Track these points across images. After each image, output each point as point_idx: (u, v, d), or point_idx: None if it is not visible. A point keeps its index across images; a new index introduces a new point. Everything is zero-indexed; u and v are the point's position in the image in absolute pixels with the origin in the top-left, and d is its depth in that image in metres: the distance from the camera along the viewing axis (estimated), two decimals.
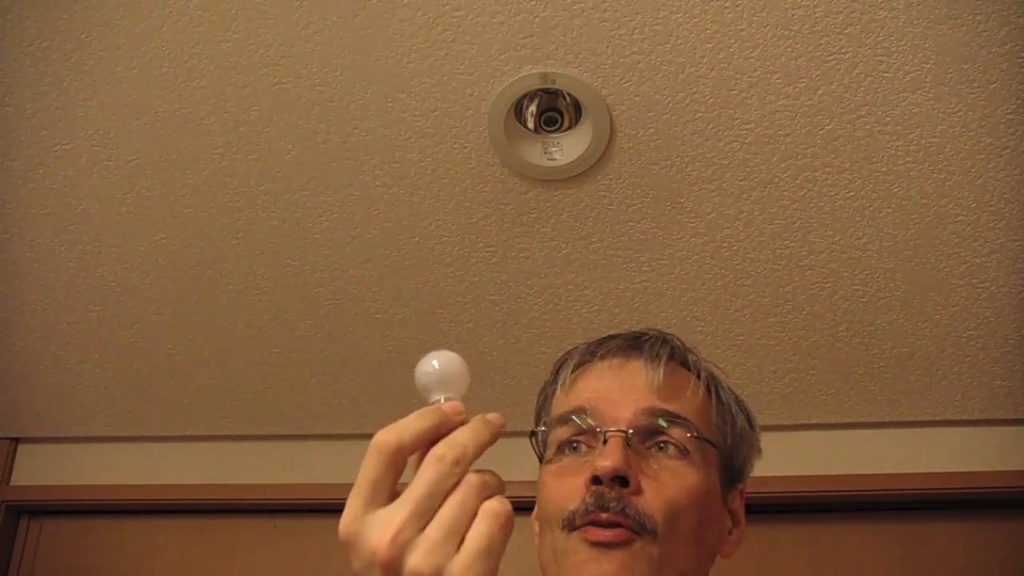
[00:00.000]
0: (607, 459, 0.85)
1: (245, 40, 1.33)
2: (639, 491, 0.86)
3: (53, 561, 1.95)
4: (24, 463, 2.01)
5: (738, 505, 0.98)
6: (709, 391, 0.96)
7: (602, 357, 0.97)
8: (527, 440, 1.01)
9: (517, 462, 1.01)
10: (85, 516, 1.98)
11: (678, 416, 0.91)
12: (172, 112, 1.42)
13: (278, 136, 1.44)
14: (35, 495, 1.97)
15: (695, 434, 0.91)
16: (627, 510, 0.84)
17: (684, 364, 0.97)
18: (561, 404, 0.96)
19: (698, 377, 0.96)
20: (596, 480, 0.85)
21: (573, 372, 0.97)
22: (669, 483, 0.87)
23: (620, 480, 0.85)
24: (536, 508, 0.95)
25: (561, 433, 0.93)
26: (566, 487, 0.89)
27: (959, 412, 1.81)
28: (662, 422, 0.90)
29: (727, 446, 0.96)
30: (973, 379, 1.75)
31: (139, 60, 1.35)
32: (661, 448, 0.90)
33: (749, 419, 1.00)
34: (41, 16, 1.31)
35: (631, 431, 0.89)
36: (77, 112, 1.42)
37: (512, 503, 0.59)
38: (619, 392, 0.92)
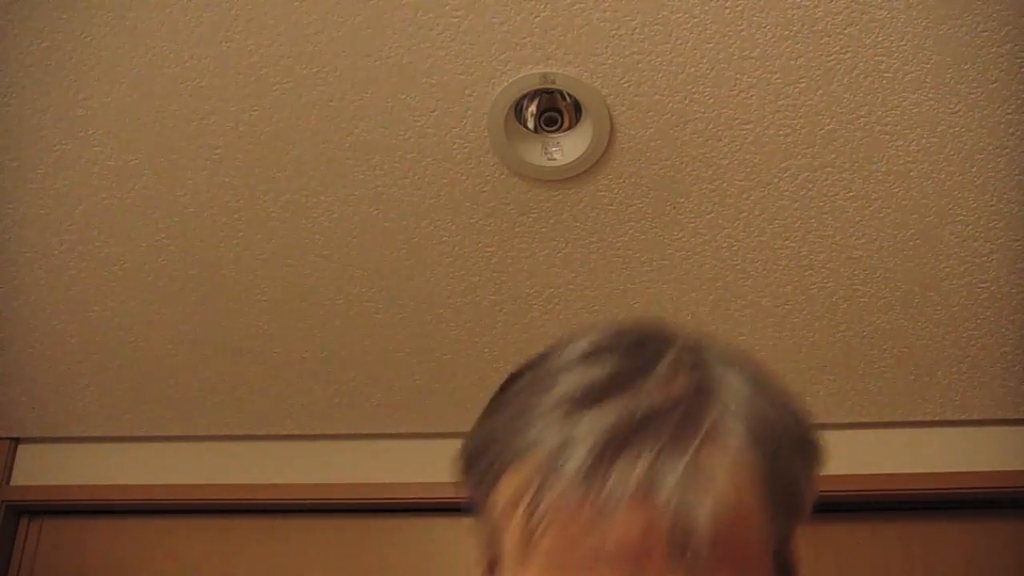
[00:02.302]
0: None
1: (245, 40, 1.33)
2: None
3: (53, 561, 1.95)
4: (24, 463, 2.00)
5: (798, 550, 0.67)
6: (760, 480, 0.62)
7: (591, 498, 0.57)
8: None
9: None
10: (85, 516, 1.97)
11: None
12: (172, 112, 1.42)
13: (278, 136, 1.44)
14: (35, 495, 1.97)
15: None
16: None
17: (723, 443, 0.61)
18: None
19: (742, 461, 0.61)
20: None
21: (536, 523, 0.58)
22: None
23: None
24: None
25: None
26: None
27: (959, 412, 1.81)
28: None
29: (784, 512, 0.64)
30: (973, 379, 1.75)
31: (139, 60, 1.35)
32: None
33: (805, 438, 0.69)
34: (41, 16, 1.30)
35: None
36: (77, 112, 1.42)
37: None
38: None
